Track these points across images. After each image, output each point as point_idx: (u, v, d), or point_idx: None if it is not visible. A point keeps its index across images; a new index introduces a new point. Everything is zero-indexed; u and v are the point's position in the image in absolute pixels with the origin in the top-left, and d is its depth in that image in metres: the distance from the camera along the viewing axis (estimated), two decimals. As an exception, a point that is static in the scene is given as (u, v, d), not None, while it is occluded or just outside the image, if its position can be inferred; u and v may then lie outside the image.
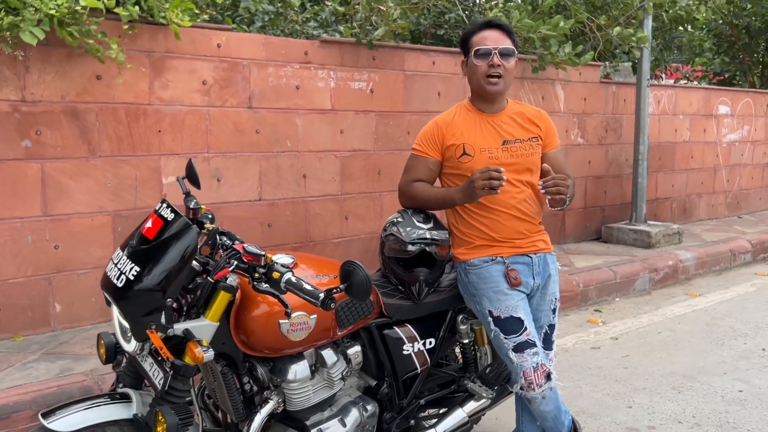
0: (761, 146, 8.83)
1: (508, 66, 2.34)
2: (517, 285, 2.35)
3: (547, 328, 2.46)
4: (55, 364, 3.32)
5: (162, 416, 1.71)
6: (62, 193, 3.79)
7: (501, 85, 2.35)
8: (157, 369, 1.81)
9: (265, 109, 4.49)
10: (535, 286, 2.42)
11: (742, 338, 4.42)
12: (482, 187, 2.16)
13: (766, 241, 7.01)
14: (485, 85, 2.35)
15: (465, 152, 2.37)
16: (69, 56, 3.71)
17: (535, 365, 2.32)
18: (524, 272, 2.38)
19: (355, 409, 2.25)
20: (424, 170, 2.47)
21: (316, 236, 4.82)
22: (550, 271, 2.46)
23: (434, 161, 2.45)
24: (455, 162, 2.40)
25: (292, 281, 1.73)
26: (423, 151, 2.48)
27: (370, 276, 1.67)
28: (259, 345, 1.98)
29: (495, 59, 2.32)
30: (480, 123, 2.42)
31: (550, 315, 2.47)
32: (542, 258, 2.44)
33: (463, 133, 2.40)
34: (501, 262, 2.37)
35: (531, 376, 2.31)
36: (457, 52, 5.48)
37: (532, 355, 2.33)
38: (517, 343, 2.33)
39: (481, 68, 2.34)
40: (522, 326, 2.33)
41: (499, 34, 2.36)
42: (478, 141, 2.38)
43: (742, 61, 9.73)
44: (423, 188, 2.45)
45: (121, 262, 1.75)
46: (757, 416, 3.26)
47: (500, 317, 2.34)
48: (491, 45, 2.33)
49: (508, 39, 2.37)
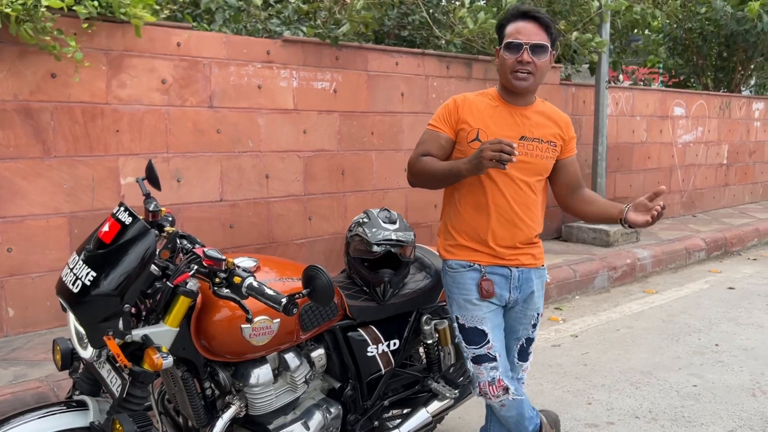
0: (714, 147, 9.10)
1: (539, 63, 2.17)
2: (488, 297, 2.27)
3: (524, 341, 2.41)
4: (8, 370, 3.22)
5: (119, 424, 1.67)
6: (15, 195, 3.68)
7: (529, 82, 2.19)
8: (114, 376, 1.77)
9: (227, 109, 4.44)
10: (511, 300, 2.33)
11: (696, 334, 4.54)
12: (491, 158, 1.96)
13: (720, 240, 7.22)
14: (512, 79, 2.19)
15: (478, 137, 2.21)
16: (22, 54, 3.61)
17: (491, 379, 2.29)
18: (501, 284, 2.29)
19: (318, 412, 2.24)
20: (436, 145, 2.28)
21: (279, 237, 4.78)
22: (533, 287, 2.35)
23: (446, 137, 2.27)
24: (465, 146, 2.24)
25: (254, 286, 1.71)
26: (436, 126, 2.30)
27: (332, 281, 1.67)
28: (220, 350, 1.96)
29: (525, 55, 2.15)
30: (502, 112, 2.26)
31: (530, 329, 2.40)
32: (524, 273, 2.32)
33: (481, 117, 2.25)
34: (477, 270, 2.28)
35: (486, 389, 2.30)
36: (420, 53, 5.54)
37: (490, 369, 2.29)
38: (477, 354, 2.30)
39: (510, 62, 2.17)
40: (485, 339, 2.28)
41: (535, 27, 2.17)
42: (495, 130, 2.22)
43: (695, 64, 10.01)
44: (431, 161, 2.27)
45: (77, 267, 1.71)
46: (711, 410, 3.36)
47: (465, 326, 2.30)
48: (524, 39, 2.15)
49: (543, 33, 2.18)
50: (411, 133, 5.48)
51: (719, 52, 9.81)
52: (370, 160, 5.28)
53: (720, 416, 3.29)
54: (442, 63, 5.64)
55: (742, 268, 6.66)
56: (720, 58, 9.93)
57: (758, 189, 10.17)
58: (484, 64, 5.87)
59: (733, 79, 10.00)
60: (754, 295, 5.55)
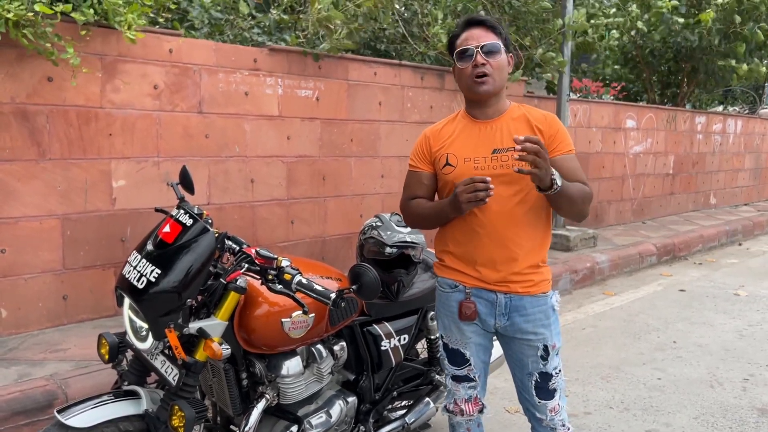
0: (662, 157, 9.64)
1: (494, 63, 2.09)
2: (469, 320, 2.17)
3: (537, 377, 2.19)
4: (10, 369, 3.26)
5: (180, 410, 1.81)
6: (9, 196, 3.71)
7: (490, 84, 2.10)
8: (170, 366, 1.91)
9: (215, 114, 4.55)
10: (499, 327, 2.18)
11: (655, 332, 4.89)
12: (467, 200, 1.94)
13: (669, 245, 7.70)
14: (473, 86, 2.11)
15: (448, 162, 2.15)
16: (19, 58, 3.65)
17: (468, 396, 2.29)
18: (486, 309, 2.17)
19: (338, 402, 2.42)
20: (419, 185, 2.24)
21: (263, 240, 4.91)
22: (528, 317, 2.15)
23: (427, 174, 2.23)
24: (439, 173, 2.19)
25: (303, 282, 1.88)
26: (415, 165, 2.26)
27: (378, 278, 1.85)
28: (259, 342, 2.11)
29: (479, 58, 2.08)
30: (470, 130, 2.17)
31: (539, 362, 2.17)
32: (514, 300, 2.14)
33: (448, 141, 2.18)
34: (462, 291, 2.18)
35: (462, 405, 2.31)
36: (396, 64, 5.76)
37: (468, 388, 2.29)
38: (456, 375, 2.29)
39: (466, 70, 2.11)
40: (466, 362, 2.25)
41: (482, 31, 2.12)
42: (464, 150, 2.14)
43: (645, 79, 10.58)
44: (419, 206, 2.23)
45: (141, 264, 1.84)
46: (675, 400, 3.68)
47: (448, 346, 2.27)
48: (473, 43, 2.09)
49: (492, 34, 2.12)
50: (387, 141, 5.69)
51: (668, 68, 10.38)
52: (349, 166, 5.46)
53: (684, 405, 3.62)
54: (417, 74, 5.88)
55: (690, 271, 7.13)
56: (668, 73, 10.52)
57: (700, 198, 10.81)
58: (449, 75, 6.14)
59: (678, 93, 10.62)
60: (703, 296, 5.98)
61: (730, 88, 12.55)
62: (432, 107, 6.04)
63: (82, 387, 3.08)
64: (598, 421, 3.42)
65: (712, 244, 8.54)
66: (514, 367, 2.26)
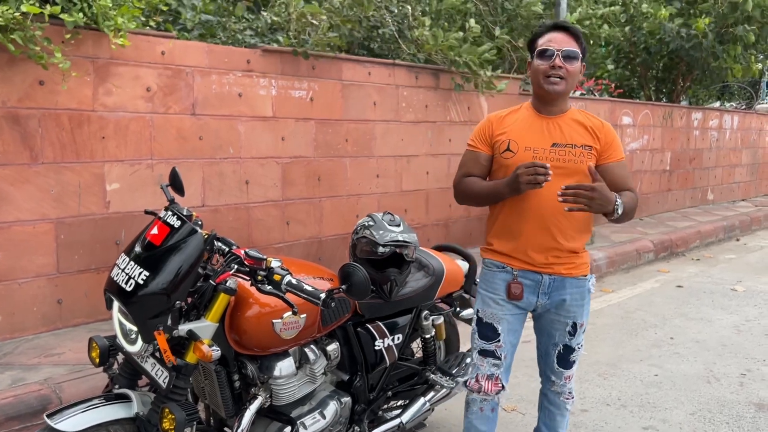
0: (658, 154, 9.64)
1: (570, 69, 2.26)
2: (516, 299, 2.35)
3: (562, 348, 2.45)
4: (4, 374, 3.25)
5: (170, 412, 1.80)
6: (2, 200, 3.69)
7: (561, 86, 2.27)
8: (160, 369, 1.90)
9: (209, 116, 4.54)
10: (539, 305, 2.38)
11: (652, 329, 4.89)
12: (527, 181, 2.12)
13: (666, 242, 7.69)
14: (544, 84, 2.27)
15: (508, 148, 2.32)
16: (10, 61, 3.64)
17: (490, 373, 2.39)
18: (530, 288, 2.35)
19: (332, 403, 2.41)
20: (476, 165, 2.41)
21: (259, 241, 4.90)
22: (565, 296, 2.37)
23: (485, 155, 2.40)
24: (498, 157, 2.36)
25: (293, 283, 1.87)
26: (474, 146, 2.43)
27: (368, 277, 1.84)
28: (250, 343, 2.10)
29: (557, 61, 2.24)
30: (533, 123, 2.35)
31: (566, 336, 2.43)
32: (557, 281, 2.35)
33: (512, 129, 2.35)
34: (509, 272, 2.36)
35: (482, 381, 2.40)
36: (390, 64, 5.75)
37: (492, 365, 2.39)
38: (484, 349, 2.40)
39: (543, 68, 2.27)
40: (496, 337, 2.38)
41: (565, 37, 2.28)
42: (525, 139, 2.32)
43: (640, 75, 10.57)
44: (473, 183, 2.40)
45: (129, 267, 1.83)
46: (672, 396, 3.67)
47: (482, 320, 2.41)
48: (556, 46, 2.25)
49: (574, 42, 2.28)
50: (382, 141, 5.69)
51: (663, 65, 10.38)
52: (344, 167, 5.45)
53: (681, 401, 3.61)
54: (411, 73, 5.87)
55: (687, 267, 7.13)
56: (664, 69, 10.51)
57: (697, 194, 10.81)
58: (449, 74, 6.13)
59: (674, 90, 10.62)
60: (701, 292, 5.98)
61: (727, 84, 12.55)
62: (427, 106, 6.03)
63: (76, 391, 3.07)
64: (595, 418, 3.41)
65: (709, 240, 8.54)
66: (541, 336, 2.51)
